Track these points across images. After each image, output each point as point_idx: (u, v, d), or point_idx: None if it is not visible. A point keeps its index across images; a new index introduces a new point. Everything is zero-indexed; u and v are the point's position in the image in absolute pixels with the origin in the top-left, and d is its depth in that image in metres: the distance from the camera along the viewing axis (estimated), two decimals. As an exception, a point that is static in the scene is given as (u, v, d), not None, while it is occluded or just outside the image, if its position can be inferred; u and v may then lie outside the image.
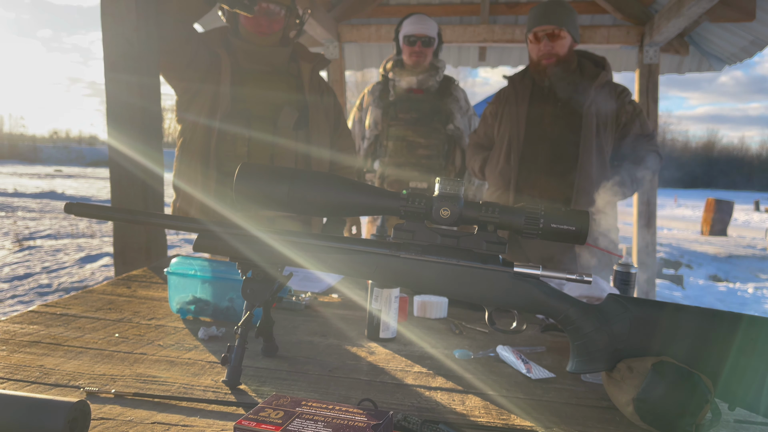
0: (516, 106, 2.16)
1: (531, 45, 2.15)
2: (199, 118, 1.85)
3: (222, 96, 1.84)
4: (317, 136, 1.96)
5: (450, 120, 2.53)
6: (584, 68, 2.14)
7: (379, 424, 0.72)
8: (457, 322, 1.35)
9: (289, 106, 1.90)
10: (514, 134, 2.13)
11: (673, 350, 0.87)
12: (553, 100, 2.13)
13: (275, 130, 1.87)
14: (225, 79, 1.84)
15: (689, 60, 4.29)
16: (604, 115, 2.08)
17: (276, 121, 1.87)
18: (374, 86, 2.67)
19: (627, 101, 2.13)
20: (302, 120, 1.92)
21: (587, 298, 1.25)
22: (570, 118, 2.09)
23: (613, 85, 2.14)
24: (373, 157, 2.61)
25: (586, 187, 2.04)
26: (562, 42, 2.08)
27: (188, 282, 1.25)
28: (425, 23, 2.50)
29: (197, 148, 1.86)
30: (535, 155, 2.11)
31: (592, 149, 2.05)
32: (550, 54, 2.08)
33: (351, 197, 0.88)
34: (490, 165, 2.19)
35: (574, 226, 0.86)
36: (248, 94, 1.87)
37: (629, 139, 2.12)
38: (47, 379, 0.91)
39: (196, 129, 1.86)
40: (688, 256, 9.01)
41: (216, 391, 0.91)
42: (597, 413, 0.91)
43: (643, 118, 2.14)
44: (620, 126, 2.12)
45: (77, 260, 6.05)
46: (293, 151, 1.90)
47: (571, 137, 2.08)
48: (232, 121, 1.84)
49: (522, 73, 2.25)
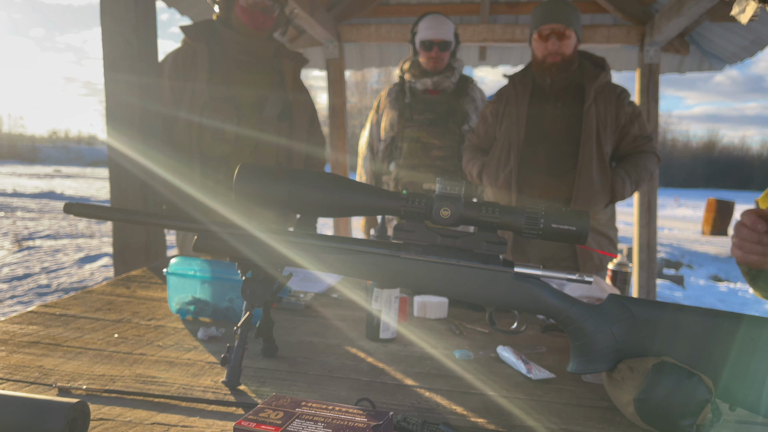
0: (516, 106, 2.16)
1: (536, 43, 2.14)
2: (179, 111, 1.90)
3: (198, 90, 1.88)
4: (298, 129, 2.04)
5: (465, 121, 2.50)
6: (584, 68, 2.14)
7: (379, 424, 0.71)
8: (457, 323, 1.34)
9: (273, 97, 1.96)
10: (514, 134, 2.13)
11: (673, 351, 0.87)
12: (553, 100, 2.12)
13: (261, 119, 1.93)
14: (202, 74, 1.88)
15: (690, 60, 4.29)
16: (604, 116, 2.08)
17: (262, 110, 1.93)
18: (391, 88, 2.66)
19: (626, 102, 2.13)
20: (286, 112, 2.00)
21: (588, 298, 1.25)
22: (570, 119, 2.09)
23: (612, 86, 2.14)
24: (389, 159, 2.59)
25: (585, 188, 2.04)
26: (569, 41, 2.08)
27: (188, 282, 1.25)
28: (441, 27, 2.47)
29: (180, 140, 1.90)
30: (535, 155, 2.10)
31: (592, 150, 2.05)
32: (556, 53, 2.07)
33: (351, 197, 0.88)
34: (490, 166, 2.18)
35: (574, 226, 0.86)
36: (235, 81, 1.91)
37: (628, 140, 2.12)
38: (46, 379, 0.91)
39: (177, 122, 1.91)
40: (689, 257, 9.01)
41: (215, 391, 0.90)
42: (598, 414, 0.91)
43: (642, 120, 2.14)
44: (619, 127, 2.12)
45: (76, 260, 6.05)
46: (276, 142, 1.96)
47: (571, 137, 2.08)
48: (218, 110, 1.88)
49: (522, 72, 2.24)
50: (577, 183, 2.04)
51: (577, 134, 2.07)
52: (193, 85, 1.87)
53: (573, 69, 2.13)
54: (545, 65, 2.11)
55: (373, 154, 2.67)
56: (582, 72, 2.14)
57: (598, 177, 2.06)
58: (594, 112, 2.07)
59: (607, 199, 2.09)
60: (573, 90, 2.13)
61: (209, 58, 1.89)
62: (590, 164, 2.04)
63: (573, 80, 2.13)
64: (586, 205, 2.04)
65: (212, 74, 1.89)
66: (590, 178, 2.04)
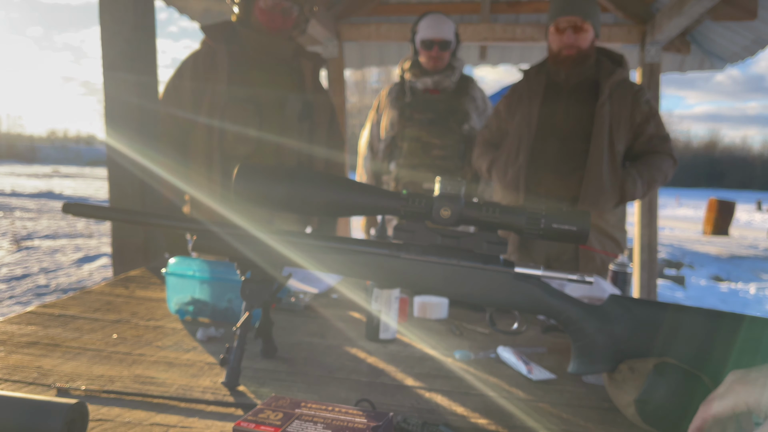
0: (529, 101, 2.12)
1: (552, 36, 2.08)
2: (199, 112, 1.88)
3: (219, 90, 1.87)
4: (318, 129, 2.03)
5: (466, 120, 2.49)
6: (601, 64, 2.09)
7: (379, 425, 0.71)
8: (457, 323, 1.34)
9: (294, 97, 1.96)
10: (524, 129, 2.09)
11: (674, 351, 0.87)
12: (566, 96, 2.07)
13: (282, 118, 1.92)
14: (222, 74, 1.88)
15: (691, 59, 4.28)
16: (618, 114, 2.03)
17: (283, 109, 1.92)
18: (391, 87, 2.65)
19: (643, 101, 2.07)
20: (306, 111, 1.99)
21: (589, 298, 1.24)
22: (582, 115, 2.04)
23: (629, 84, 2.09)
24: (389, 158, 2.59)
25: (594, 186, 1.99)
26: (585, 35, 2.02)
27: (187, 283, 1.24)
28: (441, 26, 2.46)
29: (199, 147, 1.89)
30: (544, 151, 2.06)
31: (603, 148, 2.00)
32: (572, 46, 2.02)
33: (351, 197, 0.88)
34: (499, 162, 2.15)
35: (575, 226, 0.85)
36: (255, 81, 1.91)
37: (643, 140, 2.06)
38: (45, 380, 0.90)
39: (196, 124, 1.89)
40: (690, 257, 9.00)
41: (215, 392, 0.90)
42: (598, 414, 0.91)
43: (659, 120, 2.08)
44: (634, 126, 2.06)
45: (75, 261, 6.05)
46: (297, 141, 1.95)
47: (582, 134, 2.03)
48: (239, 109, 1.88)
49: (537, 67, 2.19)
50: (585, 181, 2.00)
51: (589, 131, 2.02)
52: (214, 85, 1.87)
53: (589, 64, 2.07)
54: (560, 58, 2.06)
55: (373, 154, 2.67)
56: (598, 68, 2.09)
57: (608, 176, 2.01)
58: (608, 109, 2.01)
59: (617, 199, 2.04)
60: (587, 86, 2.08)
61: (229, 58, 1.90)
62: (600, 162, 1.99)
63: (588, 76, 2.07)
64: (594, 204, 2.00)
65: (232, 74, 1.89)
66: (599, 177, 1.99)
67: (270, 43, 1.92)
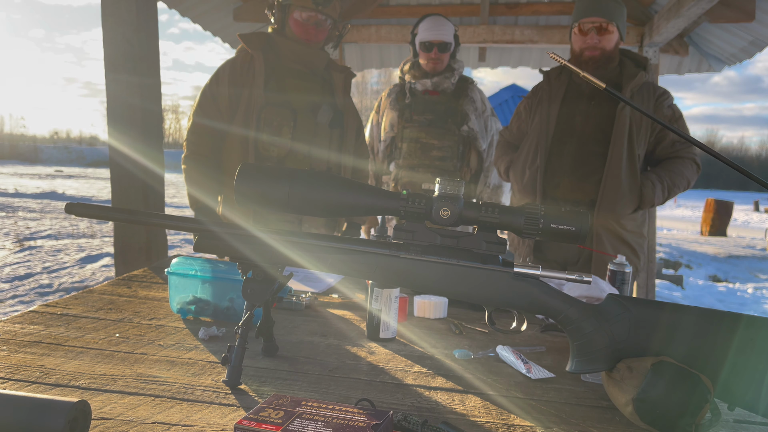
0: (548, 102, 2.09)
1: (575, 37, 2.05)
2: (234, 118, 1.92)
3: (255, 95, 1.91)
4: (348, 138, 2.09)
5: (465, 121, 2.50)
6: (624, 67, 2.05)
7: (379, 424, 0.72)
8: (456, 322, 1.35)
9: (326, 105, 2.01)
10: (543, 131, 2.06)
11: (672, 350, 0.87)
12: (587, 98, 2.04)
13: (315, 124, 1.97)
14: (259, 79, 1.92)
15: (689, 60, 4.29)
16: (639, 117, 1.98)
17: (316, 115, 1.97)
18: (391, 89, 2.67)
19: (666, 105, 2.03)
20: (337, 119, 2.04)
21: (587, 298, 1.25)
22: (602, 118, 2.00)
23: (652, 87, 2.05)
24: (389, 159, 2.60)
25: (612, 190, 1.96)
26: (610, 37, 1.98)
27: (189, 282, 1.25)
28: (441, 28, 2.47)
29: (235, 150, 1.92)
30: (562, 154, 2.03)
31: (622, 151, 1.96)
32: (595, 47, 1.99)
33: (351, 197, 0.88)
34: (517, 163, 2.13)
35: (573, 226, 0.86)
36: (290, 87, 1.96)
37: (665, 144, 2.02)
38: (48, 379, 0.91)
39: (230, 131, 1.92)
40: (688, 257, 9.01)
41: (216, 391, 0.91)
42: (597, 413, 0.92)
43: (683, 124, 2.04)
44: (656, 130, 2.02)
45: (78, 260, 6.05)
46: (327, 148, 2.00)
47: (600, 137, 1.99)
48: (275, 113, 1.91)
49: (559, 68, 2.16)
50: (603, 185, 1.96)
51: (608, 134, 1.98)
52: (251, 90, 1.91)
53: (612, 66, 2.03)
54: (582, 59, 2.02)
55: (374, 155, 2.68)
56: (621, 70, 2.05)
57: (627, 180, 1.97)
58: (628, 112, 1.97)
59: (635, 204, 2.00)
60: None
61: (265, 64, 1.94)
62: (619, 166, 1.95)
63: (610, 78, 2.03)
64: (611, 209, 1.96)
65: (268, 80, 1.94)
66: (618, 181, 1.96)
67: (304, 53, 1.97)
